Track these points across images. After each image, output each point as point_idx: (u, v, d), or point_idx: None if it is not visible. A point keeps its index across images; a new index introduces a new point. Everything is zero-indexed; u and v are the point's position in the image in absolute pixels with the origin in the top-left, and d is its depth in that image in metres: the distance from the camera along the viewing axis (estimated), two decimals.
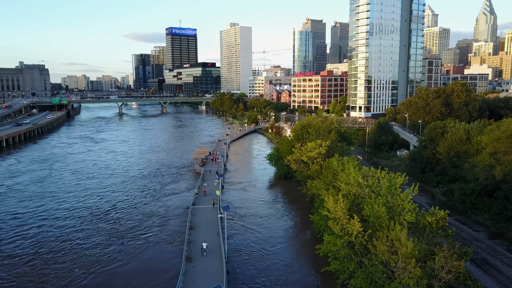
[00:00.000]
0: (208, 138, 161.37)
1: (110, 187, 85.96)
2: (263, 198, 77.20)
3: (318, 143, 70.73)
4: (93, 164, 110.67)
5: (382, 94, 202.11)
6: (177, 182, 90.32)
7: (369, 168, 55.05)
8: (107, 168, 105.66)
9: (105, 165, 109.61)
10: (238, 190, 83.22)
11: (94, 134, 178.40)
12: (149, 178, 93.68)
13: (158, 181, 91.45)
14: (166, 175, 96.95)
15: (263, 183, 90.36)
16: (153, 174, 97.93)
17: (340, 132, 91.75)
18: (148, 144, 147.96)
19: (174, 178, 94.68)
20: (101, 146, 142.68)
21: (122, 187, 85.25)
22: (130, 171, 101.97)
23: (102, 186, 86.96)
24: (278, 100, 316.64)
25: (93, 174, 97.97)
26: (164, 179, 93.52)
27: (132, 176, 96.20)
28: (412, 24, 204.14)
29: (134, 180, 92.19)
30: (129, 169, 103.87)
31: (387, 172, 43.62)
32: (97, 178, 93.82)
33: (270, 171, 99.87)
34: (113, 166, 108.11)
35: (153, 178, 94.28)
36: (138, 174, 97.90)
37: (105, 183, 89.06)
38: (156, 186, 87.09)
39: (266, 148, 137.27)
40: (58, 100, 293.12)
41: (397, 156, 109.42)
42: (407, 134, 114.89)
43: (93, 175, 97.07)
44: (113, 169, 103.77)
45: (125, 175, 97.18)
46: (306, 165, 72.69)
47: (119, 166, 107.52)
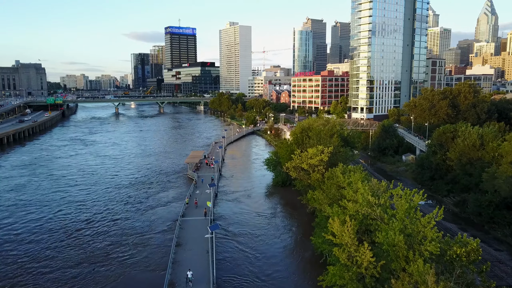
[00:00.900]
0: (204, 141, 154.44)
1: (91, 196, 78.76)
2: (260, 211, 70.06)
3: (319, 149, 64.53)
4: (79, 169, 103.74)
5: (384, 95, 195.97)
6: (167, 191, 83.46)
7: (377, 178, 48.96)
8: (92, 174, 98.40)
9: (91, 171, 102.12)
10: (233, 201, 76.10)
11: (86, 136, 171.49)
12: (136, 186, 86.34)
13: (145, 189, 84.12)
14: (155, 183, 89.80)
15: (260, 192, 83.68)
16: (141, 182, 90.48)
17: (343, 135, 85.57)
18: (141, 147, 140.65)
19: (164, 186, 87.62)
20: (91, 149, 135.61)
21: (104, 197, 77.99)
22: (117, 178, 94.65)
23: (83, 195, 79.61)
24: (277, 101, 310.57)
25: (76, 182, 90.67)
26: (153, 187, 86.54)
27: (118, 184, 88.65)
28: (415, 23, 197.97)
29: (119, 188, 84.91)
30: (115, 176, 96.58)
31: (401, 187, 37.30)
32: (79, 186, 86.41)
33: (268, 178, 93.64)
34: (99, 172, 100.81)
35: (141, 186, 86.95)
36: (125, 182, 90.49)
37: (86, 192, 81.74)
38: (143, 195, 79.89)
39: (265, 152, 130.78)
40: (53, 99, 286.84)
41: (402, 161, 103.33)
42: (413, 138, 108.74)
43: (75, 183, 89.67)
44: (99, 176, 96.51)
45: (110, 182, 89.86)
46: (306, 173, 66.51)
47: (106, 173, 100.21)
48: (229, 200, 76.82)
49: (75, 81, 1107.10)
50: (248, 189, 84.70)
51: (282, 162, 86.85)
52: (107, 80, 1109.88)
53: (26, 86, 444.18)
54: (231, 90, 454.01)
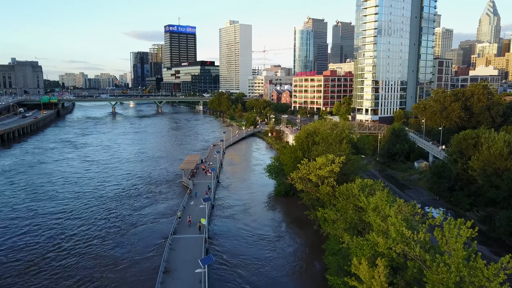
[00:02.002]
0: (201, 144, 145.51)
1: (67, 212, 68.77)
2: (262, 232, 60.31)
3: (329, 158, 56.90)
4: (61, 177, 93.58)
5: (390, 96, 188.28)
6: (157, 204, 74.18)
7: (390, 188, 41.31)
8: (75, 184, 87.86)
9: (75, 179, 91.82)
10: (231, 218, 67.12)
11: (78, 137, 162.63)
12: (122, 199, 76.73)
13: (132, 203, 74.48)
14: (144, 194, 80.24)
15: (262, 205, 74.59)
16: (128, 193, 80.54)
17: (353, 141, 77.97)
18: (134, 151, 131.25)
19: (154, 197, 78.08)
20: (80, 153, 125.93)
21: (82, 214, 67.65)
22: (101, 188, 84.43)
23: (58, 211, 69.29)
24: (278, 101, 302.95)
25: (54, 193, 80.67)
26: (141, 199, 76.73)
27: (101, 196, 78.34)
28: (422, 21, 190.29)
29: (102, 201, 74.93)
30: (100, 186, 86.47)
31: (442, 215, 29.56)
32: (56, 199, 76.34)
33: (269, 186, 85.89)
34: (83, 181, 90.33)
35: (128, 198, 77.05)
36: (110, 193, 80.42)
37: (62, 207, 71.61)
38: (128, 210, 70.03)
39: (265, 156, 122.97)
40: (47, 98, 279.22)
41: (415, 168, 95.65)
42: (425, 143, 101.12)
43: (53, 194, 79.75)
44: (82, 186, 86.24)
45: (93, 194, 79.40)
46: (314, 185, 58.89)
47: (91, 181, 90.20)
48: (226, 216, 68.03)
49: (74, 79, 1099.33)
50: (248, 201, 75.85)
51: (286, 170, 79.35)
52: (106, 79, 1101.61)
53: (22, 84, 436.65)
54: (231, 89, 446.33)
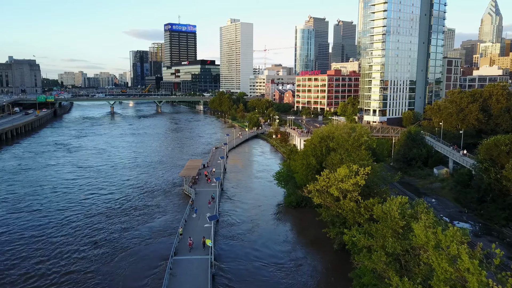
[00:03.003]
0: (203, 147, 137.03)
1: (46, 232, 58.41)
2: (276, 260, 50.88)
3: (352, 169, 49.78)
4: (47, 187, 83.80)
5: (398, 96, 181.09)
6: (154, 218, 65.30)
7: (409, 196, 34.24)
8: (63, 194, 78.30)
9: (62, 189, 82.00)
10: (238, 238, 57.75)
11: (72, 139, 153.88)
12: (114, 213, 67.23)
13: (125, 218, 64.81)
14: (140, 206, 71.16)
15: (271, 220, 66.08)
16: (122, 206, 71.33)
17: (371, 147, 70.78)
18: (131, 154, 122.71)
19: (151, 210, 69.26)
20: (73, 157, 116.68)
21: (64, 233, 57.77)
22: (92, 199, 75.25)
23: (35, 230, 59.16)
24: (280, 101, 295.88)
25: (36, 206, 70.87)
26: (136, 213, 67.28)
27: (90, 209, 68.98)
28: (432, 19, 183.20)
29: (90, 217, 64.93)
30: (91, 196, 77.11)
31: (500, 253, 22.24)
32: (37, 214, 66.07)
33: (278, 195, 78.76)
34: (71, 191, 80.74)
35: (121, 213, 67.61)
36: (101, 206, 71.08)
37: (42, 225, 60.97)
38: (120, 227, 60.62)
39: (271, 161, 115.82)
40: (44, 97, 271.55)
41: (434, 175, 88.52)
42: (445, 148, 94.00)
43: (35, 207, 69.73)
44: (69, 197, 76.53)
45: (80, 208, 70.18)
46: (334, 199, 51.77)
47: (80, 191, 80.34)
48: (233, 235, 58.87)
49: (73, 78, 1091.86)
50: (256, 215, 67.46)
51: (297, 178, 72.23)
52: (105, 78, 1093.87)
53: (19, 83, 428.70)
54: (232, 89, 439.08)
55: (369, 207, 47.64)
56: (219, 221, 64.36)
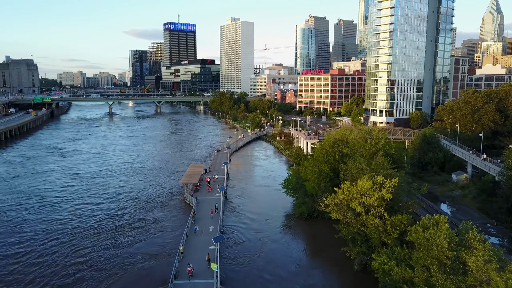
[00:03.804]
0: (204, 150, 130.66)
1: (22, 254, 50.88)
2: (286, 278, 45.44)
3: (377, 181, 43.88)
4: (33, 197, 76.07)
5: (406, 96, 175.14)
6: (151, 235, 57.80)
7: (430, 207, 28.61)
8: (48, 207, 70.41)
9: (49, 200, 74.21)
10: (245, 260, 50.53)
11: (67, 142, 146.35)
12: (105, 230, 59.41)
13: (118, 236, 57.01)
14: (136, 220, 63.62)
15: (282, 235, 58.85)
16: (115, 220, 63.41)
17: (390, 152, 64.82)
18: (128, 159, 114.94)
19: (148, 224, 61.55)
20: (65, 163, 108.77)
21: (45, 258, 50.40)
22: (81, 213, 67.42)
23: (12, 251, 52.20)
24: (282, 100, 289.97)
25: (18, 220, 63.39)
26: (130, 229, 59.79)
27: (77, 226, 61.03)
28: (440, 16, 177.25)
29: (76, 236, 57.05)
30: (78, 209, 69.16)
31: None
32: (18, 231, 58.75)
33: (287, 204, 72.81)
34: (59, 203, 72.88)
35: (113, 229, 59.74)
36: (91, 220, 63.53)
37: (21, 245, 53.89)
38: (112, 247, 53.43)
39: (277, 165, 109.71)
40: (41, 98, 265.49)
41: (453, 181, 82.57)
42: (463, 152, 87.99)
43: (17, 223, 62.13)
44: (55, 210, 68.55)
45: (67, 224, 62.22)
46: (355, 214, 45.89)
47: (68, 203, 72.97)
48: (240, 257, 51.37)
49: (72, 78, 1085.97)
50: (264, 229, 60.48)
51: (308, 186, 66.27)
52: (104, 78, 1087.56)
53: (17, 83, 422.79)
54: (232, 89, 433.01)
55: (397, 225, 41.84)
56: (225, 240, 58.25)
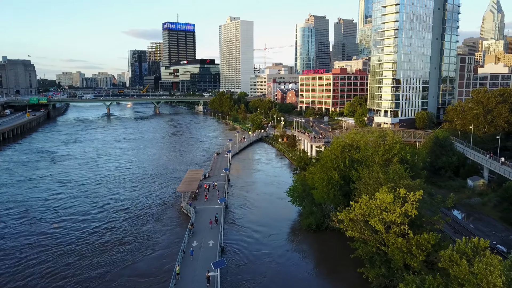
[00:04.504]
0: (203, 154, 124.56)
1: None
2: None
3: (399, 194, 38.50)
4: (12, 209, 69.77)
5: (411, 96, 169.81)
6: (141, 257, 50.76)
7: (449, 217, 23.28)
8: (30, 219, 63.80)
9: (31, 214, 66.78)
10: (247, 286, 44.42)
11: (61, 146, 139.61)
12: (86, 251, 52.25)
13: (101, 258, 50.26)
14: (127, 235, 57.14)
15: (288, 255, 52.03)
16: (100, 238, 56.49)
17: (405, 158, 59.42)
18: (122, 164, 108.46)
19: (139, 243, 54.62)
20: (56, 169, 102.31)
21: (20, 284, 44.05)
22: (63, 226, 61.27)
23: None
24: (283, 101, 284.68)
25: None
26: (121, 245, 53.67)
27: (57, 245, 54.10)
28: (446, 13, 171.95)
29: (53, 257, 50.65)
30: (63, 223, 62.94)
31: None
32: None
33: (292, 214, 67.54)
34: (40, 217, 65.77)
35: (99, 247, 53.12)
36: (73, 239, 56.44)
37: None
38: (91, 275, 46.12)
39: (279, 170, 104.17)
40: (36, 99, 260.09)
41: (469, 187, 77.26)
42: (479, 155, 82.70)
43: None
44: (35, 226, 61.29)
45: (45, 242, 55.49)
46: (374, 231, 40.51)
47: (52, 215, 66.44)
48: (241, 284, 44.79)
49: (71, 78, 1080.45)
50: (270, 250, 53.61)
51: (315, 195, 60.88)
52: (103, 78, 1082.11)
53: (13, 84, 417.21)
54: (232, 89, 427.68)
55: (423, 245, 36.46)
56: (225, 250, 52.90)
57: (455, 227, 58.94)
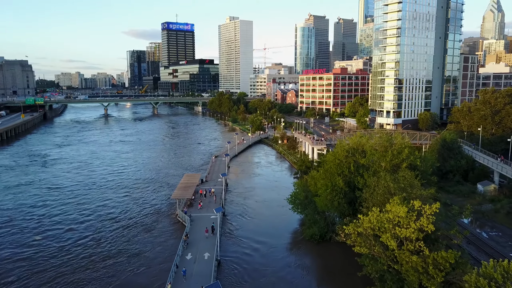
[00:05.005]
0: (200, 157, 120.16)
1: None
2: None
3: (413, 207, 34.66)
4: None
5: (414, 96, 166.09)
6: (130, 275, 46.14)
7: None
8: (7, 233, 58.52)
9: (14, 223, 62.28)
10: None
11: (54, 149, 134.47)
12: (66, 270, 47.02)
13: (81, 275, 45.58)
14: (112, 255, 51.28)
15: (291, 273, 47.16)
16: (82, 252, 51.86)
17: (414, 164, 55.58)
18: (116, 169, 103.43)
19: (127, 259, 50.00)
20: (46, 174, 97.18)
21: None
22: (46, 237, 56.93)
23: None
24: (283, 101, 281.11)
25: None
26: (102, 268, 47.71)
27: (35, 261, 49.31)
28: (450, 11, 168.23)
29: (29, 275, 45.64)
30: (47, 234, 58.45)
31: None
32: None
33: (293, 222, 63.72)
34: (23, 227, 60.90)
35: (77, 269, 47.26)
36: (53, 253, 51.37)
37: None
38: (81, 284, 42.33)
39: (280, 174, 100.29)
40: (33, 100, 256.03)
41: (478, 192, 73.43)
42: (489, 159, 78.87)
43: None
44: (16, 238, 56.65)
45: (24, 258, 50.49)
46: (384, 247, 36.64)
47: (36, 226, 61.61)
48: None
49: (70, 79, 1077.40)
50: (268, 259, 50.52)
51: (318, 202, 57.00)
52: (102, 78, 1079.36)
53: (11, 85, 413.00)
54: (231, 89, 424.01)
55: (441, 264, 32.61)
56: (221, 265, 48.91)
57: (468, 237, 55.09)
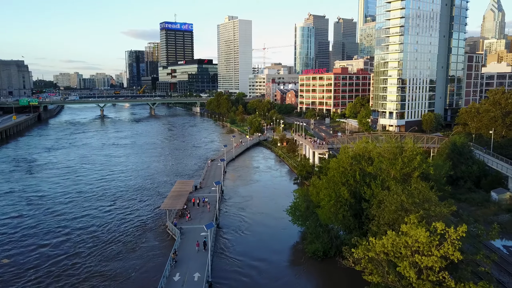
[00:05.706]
0: (195, 162, 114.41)
1: None
2: None
3: (435, 230, 29.39)
4: None
5: (417, 96, 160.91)
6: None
7: None
8: None
9: None
10: None
11: (42, 153, 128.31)
12: None
13: None
14: (90, 277, 45.95)
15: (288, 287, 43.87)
16: (54, 276, 46.28)
17: (426, 172, 50.32)
18: (105, 176, 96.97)
19: (106, 283, 44.69)
20: (30, 181, 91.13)
21: None
22: (15, 258, 51.10)
23: None
24: (282, 101, 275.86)
25: None
26: None
27: None
28: (454, 9, 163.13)
29: None
30: (20, 245, 54.31)
31: None
32: None
33: (294, 235, 58.47)
34: None
35: None
36: (21, 275, 46.40)
37: None
38: None
39: (280, 180, 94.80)
40: (27, 101, 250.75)
41: (493, 201, 68.21)
42: (503, 164, 73.67)
43: None
44: None
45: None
46: (400, 276, 31.37)
47: (10, 239, 57.08)
48: None
49: (69, 79, 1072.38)
50: (267, 278, 45.64)
51: (321, 214, 51.83)
52: (101, 79, 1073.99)
53: (6, 85, 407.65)
54: (230, 89, 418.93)
55: None
56: None
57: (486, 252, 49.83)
